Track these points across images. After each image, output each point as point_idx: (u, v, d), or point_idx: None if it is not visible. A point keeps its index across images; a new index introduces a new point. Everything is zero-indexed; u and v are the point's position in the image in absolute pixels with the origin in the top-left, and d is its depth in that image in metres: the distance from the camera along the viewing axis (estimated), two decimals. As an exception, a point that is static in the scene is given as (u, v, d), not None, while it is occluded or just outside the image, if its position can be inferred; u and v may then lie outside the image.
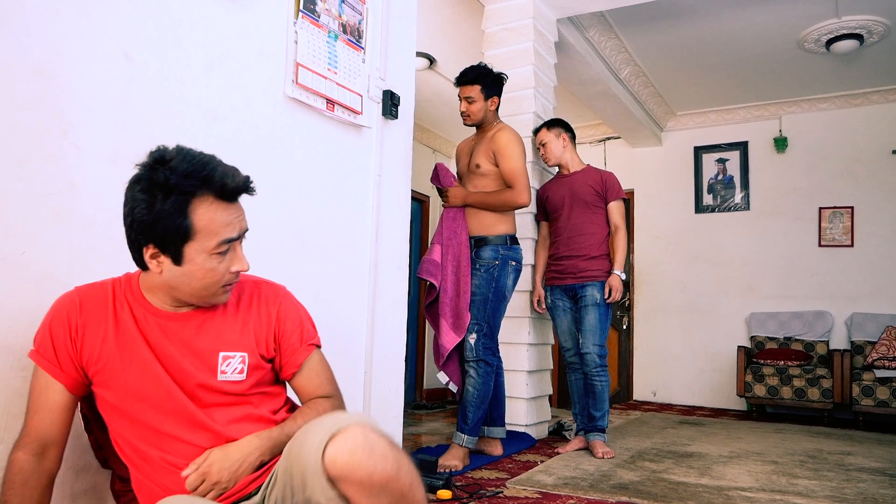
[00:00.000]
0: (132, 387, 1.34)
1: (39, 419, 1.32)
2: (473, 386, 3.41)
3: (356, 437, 1.15)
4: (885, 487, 3.06)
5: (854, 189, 6.07)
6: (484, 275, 3.45)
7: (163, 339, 1.36)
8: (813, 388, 5.44)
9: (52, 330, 1.33)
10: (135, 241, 1.29)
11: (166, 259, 1.29)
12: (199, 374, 1.36)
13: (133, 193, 1.27)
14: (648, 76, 5.89)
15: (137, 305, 1.37)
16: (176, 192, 1.24)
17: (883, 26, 4.73)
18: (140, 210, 1.25)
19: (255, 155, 2.09)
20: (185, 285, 1.32)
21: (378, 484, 1.13)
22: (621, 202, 3.86)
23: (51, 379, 1.33)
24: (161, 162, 1.26)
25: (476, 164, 3.53)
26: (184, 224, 1.25)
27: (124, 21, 1.70)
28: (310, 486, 1.15)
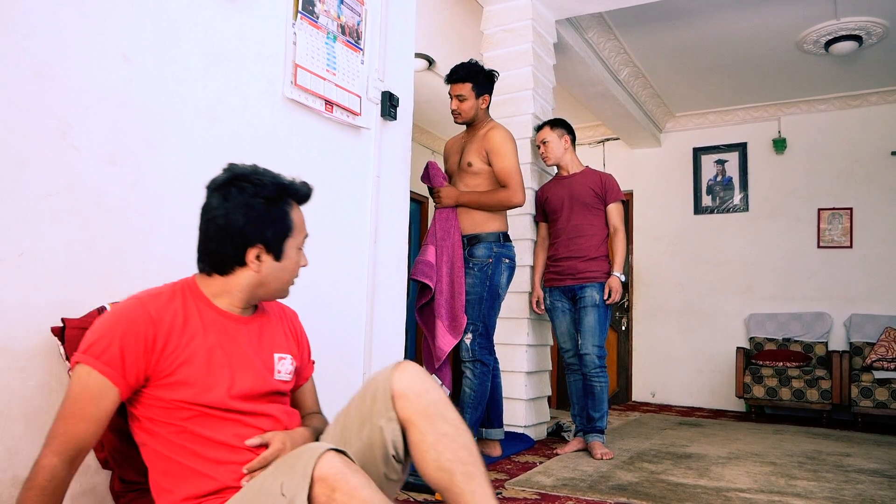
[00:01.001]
0: (198, 388, 1.36)
1: (84, 427, 1.27)
2: (470, 387, 3.40)
3: (415, 367, 1.46)
4: (883, 488, 3.06)
5: (853, 190, 6.07)
6: (478, 273, 3.44)
7: (232, 341, 1.44)
8: (812, 389, 5.44)
9: (123, 340, 1.30)
10: (240, 244, 1.41)
11: (268, 257, 1.44)
12: (262, 374, 1.47)
13: (243, 199, 1.39)
14: (647, 77, 5.89)
15: (207, 309, 1.44)
16: (283, 198, 1.44)
17: (882, 27, 4.74)
18: (255, 214, 1.40)
19: (254, 156, 2.09)
20: (276, 280, 1.47)
21: (433, 403, 1.40)
22: (620, 204, 3.87)
23: (109, 387, 1.29)
24: (246, 175, 1.42)
25: (468, 162, 3.51)
26: (289, 223, 1.45)
27: (123, 22, 1.71)
28: (377, 408, 1.40)
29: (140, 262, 1.73)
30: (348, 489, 1.18)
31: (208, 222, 1.42)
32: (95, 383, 1.28)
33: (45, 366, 1.50)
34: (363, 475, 1.22)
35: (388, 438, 1.40)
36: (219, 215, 1.40)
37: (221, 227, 1.40)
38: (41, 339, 1.49)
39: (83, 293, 1.58)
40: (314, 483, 1.18)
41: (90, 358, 1.29)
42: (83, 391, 1.28)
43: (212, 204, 1.41)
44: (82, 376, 1.28)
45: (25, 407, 1.46)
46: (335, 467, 1.20)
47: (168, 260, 1.80)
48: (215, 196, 1.41)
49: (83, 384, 1.28)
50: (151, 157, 1.78)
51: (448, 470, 1.36)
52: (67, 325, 1.47)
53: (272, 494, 1.21)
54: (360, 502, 1.17)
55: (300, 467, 1.21)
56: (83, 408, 1.28)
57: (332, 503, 1.17)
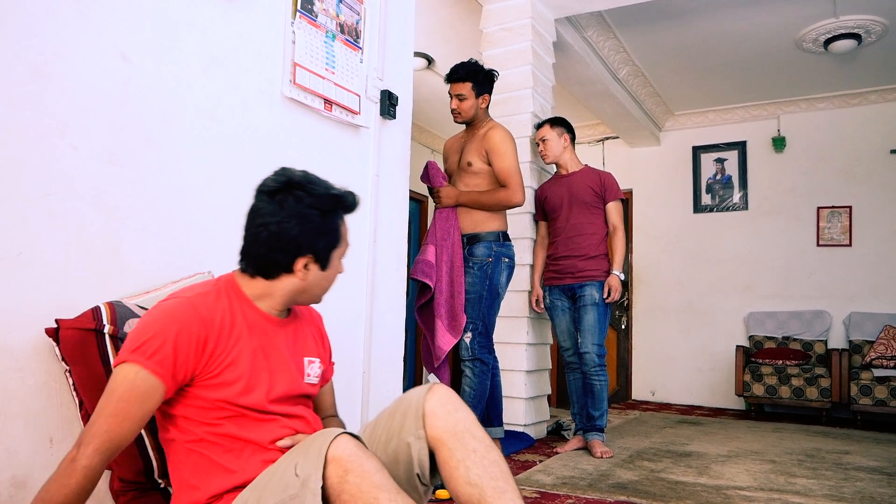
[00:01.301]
0: (240, 388, 1.37)
1: (128, 426, 1.26)
2: (470, 385, 3.40)
3: (446, 388, 1.49)
4: (882, 486, 3.07)
5: (852, 188, 6.07)
6: (477, 272, 3.44)
7: (271, 344, 1.46)
8: (811, 387, 5.44)
9: (177, 340, 1.30)
10: (291, 252, 1.41)
11: (315, 266, 1.45)
12: (295, 377, 1.49)
13: (300, 209, 1.39)
14: (647, 76, 5.89)
15: (249, 311, 1.45)
16: (338, 208, 1.46)
17: (881, 26, 4.74)
18: (311, 225, 1.41)
19: (253, 155, 2.09)
20: (318, 287, 1.50)
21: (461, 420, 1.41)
22: (619, 203, 3.87)
23: (158, 387, 1.28)
24: (301, 183, 1.42)
25: (468, 161, 3.52)
26: (339, 235, 1.48)
27: (122, 22, 1.70)
28: (407, 425, 1.42)
29: (139, 262, 1.73)
30: (361, 471, 1.19)
31: (260, 227, 1.41)
32: (144, 383, 1.27)
33: (43, 365, 1.50)
34: (376, 460, 1.24)
35: (414, 456, 1.41)
36: (272, 222, 1.39)
37: (274, 233, 1.40)
38: (40, 338, 1.49)
39: (82, 293, 1.58)
40: (328, 464, 1.20)
41: (141, 357, 1.27)
42: (130, 390, 1.26)
43: (265, 209, 1.41)
44: (130, 375, 1.26)
45: (24, 407, 1.46)
46: (349, 449, 1.22)
47: (167, 260, 1.80)
48: (269, 202, 1.41)
49: (130, 383, 1.26)
50: (150, 157, 1.77)
51: (478, 485, 1.35)
52: (61, 326, 1.47)
53: (287, 475, 1.23)
54: (373, 485, 1.18)
55: (314, 449, 1.23)
56: (129, 407, 1.26)
57: (345, 484, 1.18)
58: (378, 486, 1.18)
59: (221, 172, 1.98)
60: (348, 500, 1.18)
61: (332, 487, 1.19)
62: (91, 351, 1.48)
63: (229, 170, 2.01)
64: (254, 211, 1.43)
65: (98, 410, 1.26)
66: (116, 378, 1.27)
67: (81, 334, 1.48)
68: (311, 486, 1.18)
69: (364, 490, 1.18)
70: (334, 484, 1.19)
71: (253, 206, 1.44)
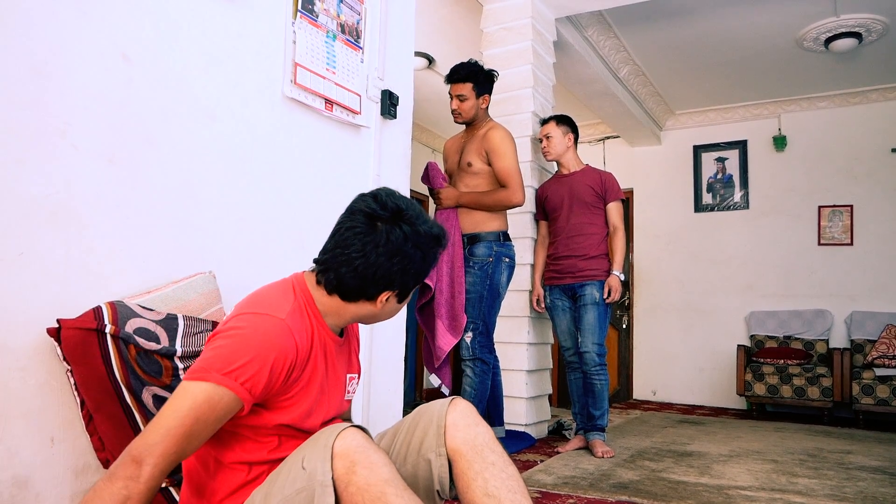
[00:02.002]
0: (303, 411, 1.36)
1: (196, 445, 1.22)
2: (470, 385, 3.42)
3: (466, 403, 1.48)
4: (884, 486, 3.06)
5: (853, 187, 6.06)
6: (478, 272, 3.46)
7: (332, 365, 1.45)
8: (813, 386, 5.43)
9: (273, 367, 1.25)
10: (382, 287, 1.37)
11: (395, 299, 1.42)
12: (339, 398, 1.49)
13: (406, 248, 1.34)
14: (647, 75, 5.89)
15: (319, 327, 1.41)
16: (436, 248, 1.42)
17: (882, 24, 4.73)
18: (412, 266, 1.37)
19: (254, 155, 2.09)
20: (388, 315, 1.47)
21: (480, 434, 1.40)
22: (620, 203, 3.86)
23: (237, 408, 1.24)
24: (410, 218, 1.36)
25: (468, 162, 3.53)
26: (429, 273, 1.45)
27: (122, 21, 1.70)
28: (427, 441, 1.41)
29: (140, 261, 1.73)
30: (369, 463, 1.19)
31: (358, 254, 1.33)
32: (226, 405, 1.22)
33: (44, 365, 1.50)
34: (383, 453, 1.23)
35: (435, 472, 1.40)
36: (372, 252, 1.32)
37: (372, 265, 1.33)
38: (41, 338, 1.48)
39: (83, 292, 1.58)
40: (335, 457, 1.19)
41: (233, 382, 1.21)
42: (210, 412, 1.20)
43: (369, 237, 1.32)
44: (214, 398, 1.20)
45: (25, 407, 1.46)
46: (356, 441, 1.21)
47: (168, 259, 1.80)
48: (371, 227, 1.33)
49: (212, 405, 1.20)
50: (151, 157, 1.77)
51: (495, 496, 1.34)
52: (63, 325, 1.46)
53: (294, 469, 1.23)
54: (381, 478, 1.17)
55: (321, 442, 1.23)
56: (204, 429, 1.21)
57: (353, 476, 1.18)
58: (386, 480, 1.18)
59: (222, 172, 1.98)
60: (355, 493, 1.17)
61: (340, 479, 1.18)
62: (93, 351, 1.48)
63: (230, 169, 2.01)
64: (353, 232, 1.34)
65: (167, 429, 1.17)
66: (197, 397, 1.19)
67: (83, 334, 1.47)
68: (320, 478, 1.18)
69: (372, 483, 1.17)
70: (341, 476, 1.18)
71: (349, 224, 1.35)
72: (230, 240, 2.00)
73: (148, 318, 1.60)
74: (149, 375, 1.55)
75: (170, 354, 1.60)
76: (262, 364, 1.24)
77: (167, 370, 1.59)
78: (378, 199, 1.36)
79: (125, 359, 1.51)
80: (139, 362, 1.54)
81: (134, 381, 1.52)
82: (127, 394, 1.52)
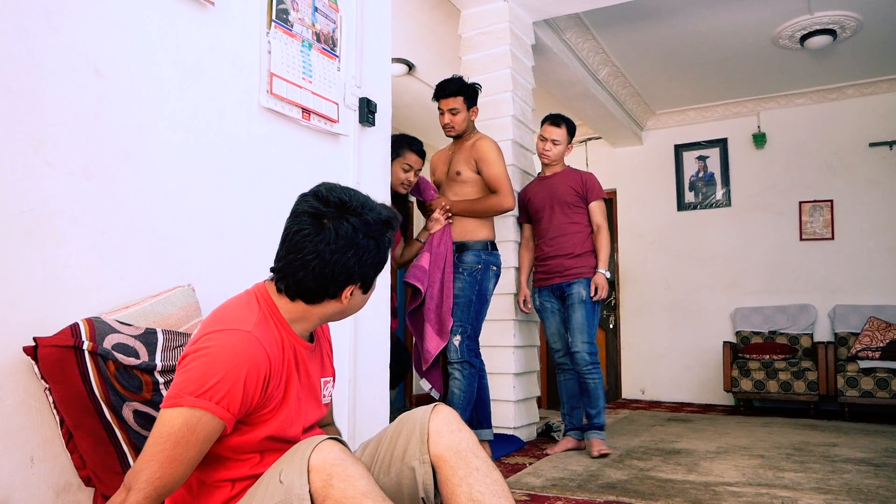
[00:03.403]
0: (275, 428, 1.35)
1: (183, 471, 1.22)
2: (459, 388, 3.44)
3: (449, 409, 1.49)
4: (869, 477, 3.09)
5: (833, 182, 6.13)
6: (467, 278, 3.51)
7: (305, 372, 1.45)
8: (798, 380, 5.48)
9: (247, 383, 1.25)
10: (345, 281, 1.36)
11: (359, 291, 1.42)
12: (317, 404, 1.49)
13: (358, 240, 1.33)
14: (626, 76, 5.93)
15: (288, 337, 1.40)
16: (389, 232, 1.40)
17: (855, 21, 4.79)
18: (368, 257, 1.36)
19: (231, 167, 2.08)
20: (356, 309, 1.46)
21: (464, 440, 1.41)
22: (602, 202, 3.89)
23: (219, 429, 1.24)
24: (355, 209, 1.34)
25: (457, 171, 3.62)
26: (387, 258, 1.44)
27: (94, 36, 1.69)
28: (411, 449, 1.42)
29: (117, 277, 1.72)
30: (346, 476, 1.19)
31: (311, 255, 1.32)
32: (207, 427, 1.22)
33: (22, 384, 1.48)
34: (361, 465, 1.23)
35: (419, 480, 1.41)
36: (326, 251, 1.31)
37: (328, 263, 1.32)
38: (18, 357, 1.47)
39: (59, 310, 1.56)
40: (311, 470, 1.19)
41: (208, 402, 1.21)
42: (190, 435, 1.20)
43: (317, 236, 1.31)
44: (192, 420, 1.20)
45: (3, 427, 1.45)
46: (333, 454, 1.21)
47: (146, 274, 1.79)
48: (318, 226, 1.32)
49: (192, 428, 1.20)
50: (127, 171, 1.76)
51: (480, 502, 1.35)
52: (40, 344, 1.45)
53: (272, 483, 1.22)
54: (358, 491, 1.17)
55: (298, 455, 1.22)
56: (188, 452, 1.21)
57: (330, 489, 1.17)
58: (364, 493, 1.18)
59: (199, 184, 1.97)
60: None
61: (317, 493, 1.18)
62: (71, 368, 1.47)
63: (207, 182, 2.00)
64: (301, 235, 1.32)
65: (150, 455, 1.20)
66: (175, 422, 1.20)
67: (60, 352, 1.46)
68: (297, 491, 1.18)
69: (349, 496, 1.17)
70: (318, 489, 1.18)
71: (296, 228, 1.33)
72: (209, 252, 1.99)
73: (126, 334, 1.59)
74: (129, 391, 1.54)
75: (150, 369, 1.59)
76: (234, 380, 1.24)
77: (147, 385, 1.58)
78: (319, 196, 1.34)
79: (104, 375, 1.50)
80: (119, 378, 1.53)
81: (114, 398, 1.51)
82: (107, 410, 1.51)
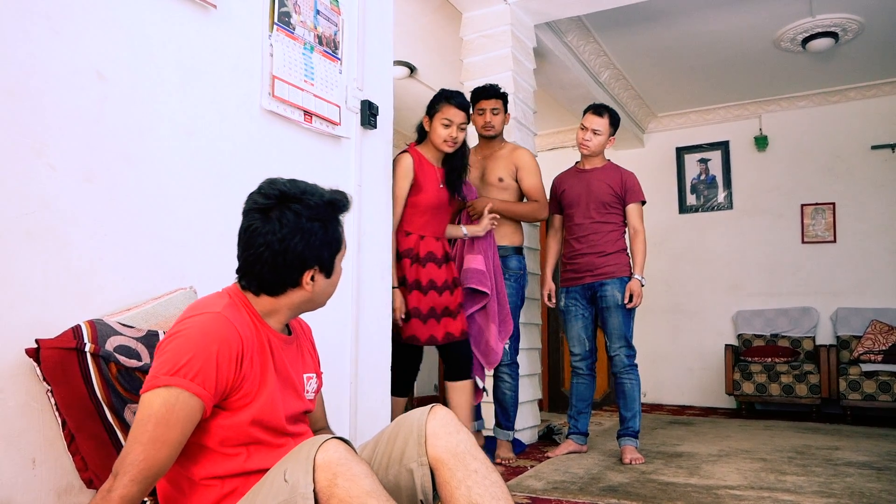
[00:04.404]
0: (256, 413, 1.36)
1: (167, 452, 1.23)
2: (510, 389, 3.68)
3: (446, 410, 1.49)
4: (871, 481, 3.08)
5: (835, 185, 6.12)
6: (513, 283, 3.67)
7: (282, 363, 1.46)
8: (800, 384, 5.47)
9: (219, 359, 1.27)
10: (298, 268, 1.39)
11: (321, 276, 1.44)
12: (298, 396, 1.50)
13: (301, 224, 1.36)
14: (628, 79, 5.93)
15: (262, 326, 1.44)
16: (336, 215, 1.44)
17: (857, 24, 4.79)
18: (316, 239, 1.38)
19: (233, 169, 2.09)
20: (325, 294, 1.48)
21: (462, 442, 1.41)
22: (640, 205, 3.78)
23: (198, 408, 1.26)
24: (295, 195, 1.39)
25: (499, 177, 3.68)
26: (341, 241, 1.47)
27: (96, 39, 1.70)
28: (408, 451, 1.42)
29: (119, 279, 1.72)
30: (351, 475, 1.19)
31: (261, 247, 1.36)
32: (186, 406, 1.24)
33: (23, 386, 1.49)
34: (366, 465, 1.23)
35: (417, 482, 1.41)
36: (273, 241, 1.36)
37: (278, 252, 1.36)
38: (19, 359, 1.47)
39: (61, 312, 1.57)
40: (316, 469, 1.19)
41: (182, 380, 1.23)
42: (169, 415, 1.22)
43: (263, 228, 1.36)
44: (170, 400, 1.23)
45: (5, 429, 1.45)
46: (338, 453, 1.21)
47: (147, 276, 1.80)
48: (265, 219, 1.37)
49: (170, 408, 1.22)
50: (129, 174, 1.77)
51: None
52: (42, 346, 1.45)
53: (276, 481, 1.23)
54: (363, 490, 1.18)
55: (303, 454, 1.23)
56: (168, 433, 1.23)
57: (335, 488, 1.18)
58: (368, 492, 1.18)
59: (201, 187, 1.98)
60: None
61: (322, 492, 1.18)
62: (73, 370, 1.47)
63: (209, 184, 2.00)
64: (250, 231, 1.38)
65: (133, 438, 1.22)
66: (154, 404, 1.23)
67: (63, 354, 1.47)
68: (302, 490, 1.18)
69: (354, 494, 1.17)
70: (323, 488, 1.18)
71: (246, 225, 1.39)
72: (210, 255, 1.99)
73: (128, 336, 1.59)
74: (131, 393, 1.54)
75: (151, 371, 1.59)
76: (206, 357, 1.27)
77: (149, 387, 1.58)
78: (262, 192, 1.40)
79: (106, 377, 1.51)
80: (120, 380, 1.53)
81: (115, 400, 1.51)
82: (109, 412, 1.51)
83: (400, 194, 2.99)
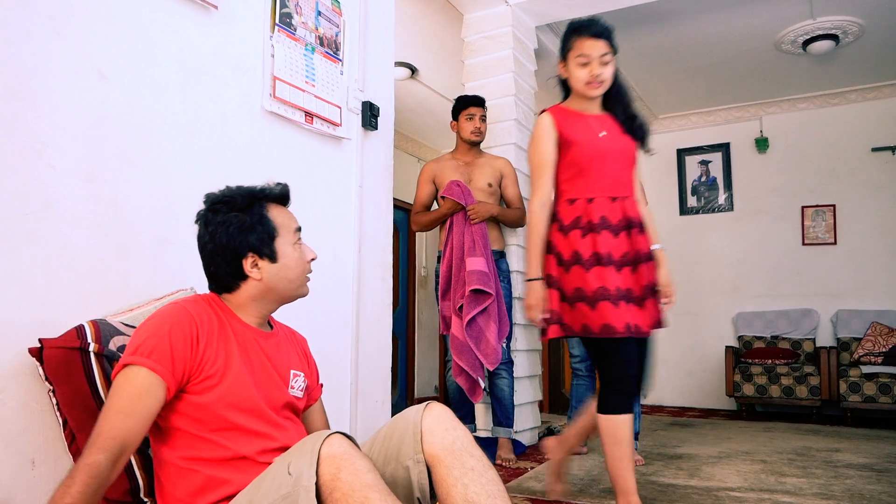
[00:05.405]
0: (227, 395, 1.39)
1: (130, 424, 1.26)
2: (508, 386, 3.74)
3: (442, 406, 1.50)
4: (871, 483, 3.08)
5: (835, 187, 6.12)
6: (506, 284, 3.79)
7: (257, 353, 1.50)
8: (801, 385, 5.47)
9: (171, 336, 1.34)
10: (232, 259, 1.48)
11: (264, 261, 1.49)
12: (279, 387, 1.51)
13: (219, 219, 1.48)
14: (629, 80, 5.93)
15: (234, 321, 1.50)
16: (254, 204, 1.51)
17: (857, 26, 4.79)
18: (234, 227, 1.47)
19: (234, 170, 2.09)
20: (283, 279, 1.52)
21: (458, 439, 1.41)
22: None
23: (157, 383, 1.30)
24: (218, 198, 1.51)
25: (488, 183, 3.80)
26: (269, 224, 1.50)
27: (98, 40, 1.70)
28: (405, 448, 1.42)
29: (121, 279, 1.72)
30: (353, 469, 1.19)
31: (202, 250, 1.51)
32: (143, 380, 1.29)
33: (24, 386, 1.49)
34: (368, 460, 1.24)
35: (414, 479, 1.40)
36: (206, 241, 1.49)
37: (211, 250, 1.48)
38: (20, 360, 1.48)
39: (62, 313, 1.57)
40: (320, 462, 1.20)
41: (139, 357, 1.31)
42: (129, 387, 1.29)
43: (199, 233, 1.51)
44: (129, 376, 1.30)
45: (5, 429, 1.45)
46: (342, 447, 1.22)
47: (149, 277, 1.80)
48: (200, 226, 1.51)
49: (130, 381, 1.29)
50: (130, 174, 1.77)
51: (476, 503, 1.34)
52: (45, 345, 1.46)
53: (280, 475, 1.23)
54: (365, 484, 1.18)
55: (307, 447, 1.24)
56: (130, 404, 1.27)
57: (338, 482, 1.18)
58: (370, 486, 1.18)
59: (202, 188, 1.96)
60: (340, 499, 1.18)
61: (325, 485, 1.19)
62: (76, 370, 1.47)
63: (210, 185, 1.98)
64: (198, 238, 1.52)
65: (101, 414, 1.28)
66: (118, 381, 1.30)
67: (66, 353, 1.47)
68: (305, 483, 1.18)
69: (356, 488, 1.18)
70: (326, 482, 1.19)
71: (198, 235, 1.52)
72: (212, 255, 1.99)
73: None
74: (131, 393, 1.54)
75: (152, 372, 1.59)
76: (160, 336, 1.34)
77: (150, 388, 1.59)
78: (205, 204, 1.53)
79: (109, 377, 1.51)
80: (121, 380, 1.53)
81: (116, 400, 1.52)
82: (110, 412, 1.51)
83: (544, 159, 2.43)
